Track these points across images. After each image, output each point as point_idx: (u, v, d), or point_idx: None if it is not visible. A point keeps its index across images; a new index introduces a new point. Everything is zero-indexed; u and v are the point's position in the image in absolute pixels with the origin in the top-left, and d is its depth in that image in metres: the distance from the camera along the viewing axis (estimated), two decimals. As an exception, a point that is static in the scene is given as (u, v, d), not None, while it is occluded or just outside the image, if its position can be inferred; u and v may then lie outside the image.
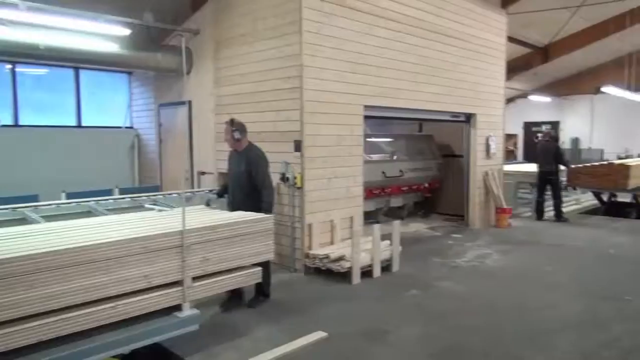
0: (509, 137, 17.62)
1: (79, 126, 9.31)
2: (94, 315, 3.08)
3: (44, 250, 2.92)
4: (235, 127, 4.93)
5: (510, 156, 17.94)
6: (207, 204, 5.02)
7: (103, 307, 3.12)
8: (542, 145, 10.34)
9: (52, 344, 2.95)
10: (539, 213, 10.11)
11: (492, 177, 9.33)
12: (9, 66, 8.41)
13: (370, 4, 6.74)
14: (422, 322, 4.66)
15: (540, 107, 19.80)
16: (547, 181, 9.90)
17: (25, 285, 2.80)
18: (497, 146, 9.52)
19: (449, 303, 5.20)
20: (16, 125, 8.52)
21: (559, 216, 9.88)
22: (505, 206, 9.29)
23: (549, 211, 10.14)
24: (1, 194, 5.90)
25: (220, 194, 5.35)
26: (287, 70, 6.14)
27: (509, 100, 16.32)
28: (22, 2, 5.84)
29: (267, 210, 4.72)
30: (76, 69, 9.17)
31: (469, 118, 9.03)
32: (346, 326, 4.53)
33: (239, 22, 6.86)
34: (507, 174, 10.38)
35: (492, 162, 9.47)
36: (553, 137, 10.67)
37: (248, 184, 4.93)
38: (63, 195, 5.85)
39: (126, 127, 9.81)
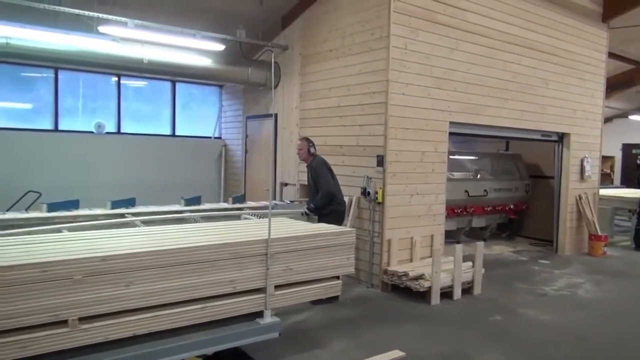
0: (605, 159, 16.40)
1: (173, 135, 9.92)
2: (184, 315, 3.25)
3: (143, 250, 3.13)
4: (310, 142, 5.79)
5: (606, 180, 16.69)
6: (303, 214, 5.60)
7: (193, 307, 3.27)
8: None
9: (145, 339, 3.13)
10: (638, 241, 9.31)
11: (586, 202, 8.74)
12: (115, 78, 9.17)
13: (458, 19, 6.62)
14: (505, 350, 4.43)
15: (641, 127, 18.29)
16: None
17: (125, 282, 3.01)
18: (593, 168, 8.92)
19: (536, 332, 4.90)
20: (118, 132, 9.25)
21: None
22: (600, 233, 8.66)
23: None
24: (103, 194, 6.39)
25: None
26: (372, 85, 6.17)
27: (606, 119, 15.26)
28: (131, 20, 6.39)
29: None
30: (173, 82, 9.82)
31: (561, 138, 8.55)
32: (424, 347, 4.41)
33: (326, 37, 7.01)
34: (603, 199, 9.66)
35: (587, 185, 8.88)
36: None
37: (316, 191, 5.62)
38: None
39: (215, 138, 10.33)
